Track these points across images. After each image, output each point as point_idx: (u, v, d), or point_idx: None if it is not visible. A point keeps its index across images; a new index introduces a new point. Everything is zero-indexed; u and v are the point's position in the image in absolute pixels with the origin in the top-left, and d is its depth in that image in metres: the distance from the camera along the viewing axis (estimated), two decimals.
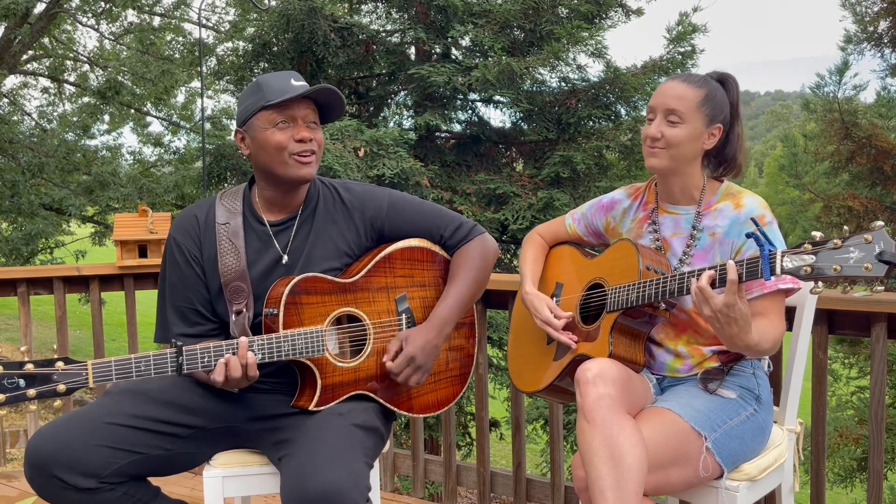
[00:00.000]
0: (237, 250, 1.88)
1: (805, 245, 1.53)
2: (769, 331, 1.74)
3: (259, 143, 1.86)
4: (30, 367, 1.55)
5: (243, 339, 1.73)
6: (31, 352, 1.68)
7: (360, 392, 1.88)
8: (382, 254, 1.93)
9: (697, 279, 1.66)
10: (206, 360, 1.71)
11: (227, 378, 1.72)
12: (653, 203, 2.01)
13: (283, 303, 1.79)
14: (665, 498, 2.33)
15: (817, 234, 1.53)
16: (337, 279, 1.87)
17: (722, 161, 1.94)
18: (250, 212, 1.95)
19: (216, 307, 1.91)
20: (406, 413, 1.98)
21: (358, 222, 1.95)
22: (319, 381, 1.82)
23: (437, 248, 2.01)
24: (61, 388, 1.56)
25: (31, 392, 1.55)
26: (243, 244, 1.89)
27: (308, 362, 1.81)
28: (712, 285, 1.65)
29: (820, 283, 1.53)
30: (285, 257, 1.90)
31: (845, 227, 1.53)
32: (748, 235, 1.61)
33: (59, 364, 1.58)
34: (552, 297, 2.08)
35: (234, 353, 1.72)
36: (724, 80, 1.93)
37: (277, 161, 1.85)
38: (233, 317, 1.86)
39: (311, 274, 1.84)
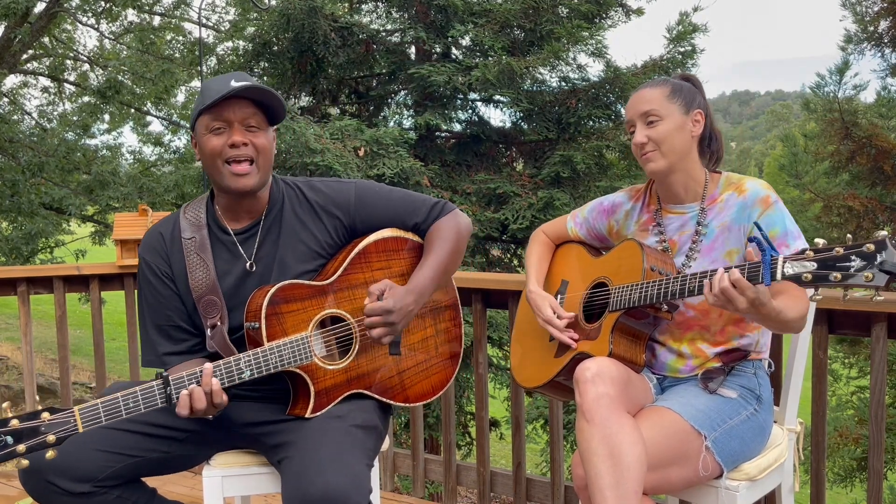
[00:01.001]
0: (206, 264, 1.85)
1: (807, 252, 1.53)
2: (792, 306, 1.71)
3: (201, 149, 1.83)
4: (15, 422, 1.51)
5: (207, 365, 1.67)
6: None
7: (355, 391, 1.86)
8: (357, 249, 1.90)
9: (710, 281, 1.65)
10: (194, 385, 1.67)
11: (192, 410, 1.65)
12: (655, 205, 2.01)
13: (263, 315, 1.75)
14: (665, 497, 2.33)
15: (820, 242, 1.53)
16: (314, 282, 1.84)
17: (713, 153, 1.97)
18: (214, 222, 1.90)
19: (195, 321, 1.87)
20: (402, 404, 1.96)
21: (327, 221, 1.91)
22: (312, 388, 1.79)
23: (410, 235, 1.97)
24: (51, 438, 1.52)
25: (21, 447, 1.51)
26: (211, 257, 1.85)
27: (298, 371, 1.78)
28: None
29: (820, 290, 1.53)
30: (252, 265, 1.86)
31: (849, 236, 1.53)
32: (751, 240, 1.61)
33: (45, 415, 1.53)
34: (557, 295, 2.09)
35: (198, 383, 1.65)
36: (687, 78, 1.97)
37: (214, 169, 1.81)
38: (208, 331, 1.83)
39: (287, 282, 1.80)
